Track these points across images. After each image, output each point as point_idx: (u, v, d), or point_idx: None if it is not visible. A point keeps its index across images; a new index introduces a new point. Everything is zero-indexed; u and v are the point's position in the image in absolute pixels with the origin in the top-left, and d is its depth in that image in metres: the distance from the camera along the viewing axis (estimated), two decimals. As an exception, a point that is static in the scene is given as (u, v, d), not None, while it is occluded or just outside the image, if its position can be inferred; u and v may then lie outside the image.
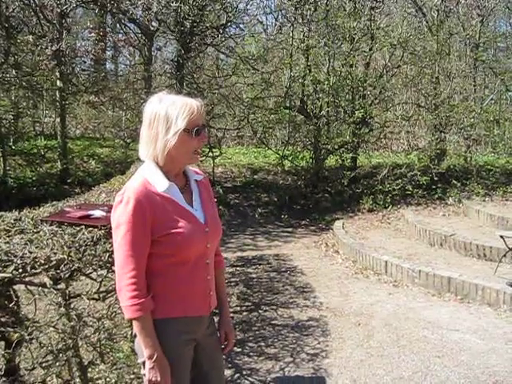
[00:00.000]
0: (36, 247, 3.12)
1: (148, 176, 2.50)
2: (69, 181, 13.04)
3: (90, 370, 4.02)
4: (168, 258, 2.49)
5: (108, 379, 4.29)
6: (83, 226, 3.54)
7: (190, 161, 2.60)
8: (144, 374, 2.57)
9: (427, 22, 13.55)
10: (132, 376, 4.45)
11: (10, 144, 14.18)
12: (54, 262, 3.10)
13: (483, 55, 14.08)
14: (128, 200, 2.41)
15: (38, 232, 3.40)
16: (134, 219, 2.39)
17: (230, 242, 9.97)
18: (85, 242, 3.39)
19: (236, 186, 13.75)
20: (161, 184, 2.48)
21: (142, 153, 2.55)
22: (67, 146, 14.13)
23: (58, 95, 13.68)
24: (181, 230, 2.48)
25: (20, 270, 2.91)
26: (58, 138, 13.93)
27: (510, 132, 13.98)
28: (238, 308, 6.54)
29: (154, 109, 2.48)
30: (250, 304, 6.68)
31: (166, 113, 2.45)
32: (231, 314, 6.22)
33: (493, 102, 14.66)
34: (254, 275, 7.92)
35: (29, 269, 2.93)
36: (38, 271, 3.02)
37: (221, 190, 12.57)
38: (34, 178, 13.20)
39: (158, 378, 2.45)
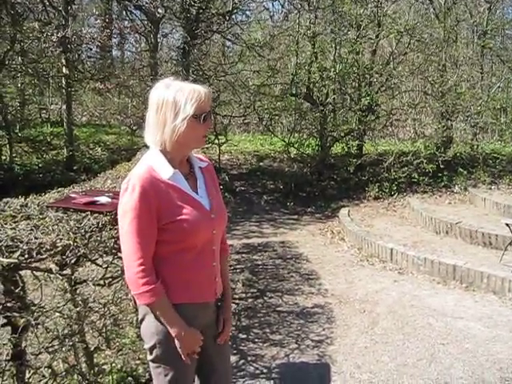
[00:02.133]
0: (42, 233, 3.13)
1: (153, 163, 2.50)
2: (75, 168, 13.06)
3: (96, 355, 4.05)
4: (175, 245, 2.51)
5: (114, 364, 4.33)
6: (89, 212, 3.55)
7: (197, 145, 2.62)
8: (150, 360, 2.60)
9: (434, 9, 13.49)
10: (138, 361, 4.50)
11: (17, 131, 14.19)
12: (60, 248, 3.12)
13: (491, 42, 13.99)
14: (134, 187, 2.41)
15: (44, 218, 3.41)
16: (140, 206, 2.40)
17: (235, 228, 9.97)
18: (90, 227, 3.41)
19: (242, 173, 13.76)
20: (165, 171, 2.49)
21: (149, 139, 2.55)
22: (73, 133, 14.13)
23: (63, 82, 13.67)
24: (186, 216, 2.49)
25: (26, 256, 2.92)
26: (64, 124, 13.93)
27: (516, 120, 13.92)
28: (244, 295, 6.55)
29: (161, 94, 2.48)
30: (255, 291, 6.69)
31: (174, 98, 2.45)
32: (237, 301, 6.26)
33: (500, 89, 14.58)
34: (259, 262, 7.93)
35: (35, 254, 2.94)
36: (43, 257, 3.03)
37: (227, 177, 12.56)
38: (40, 165, 13.24)
39: (194, 349, 2.59)
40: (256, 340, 5.30)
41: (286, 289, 6.73)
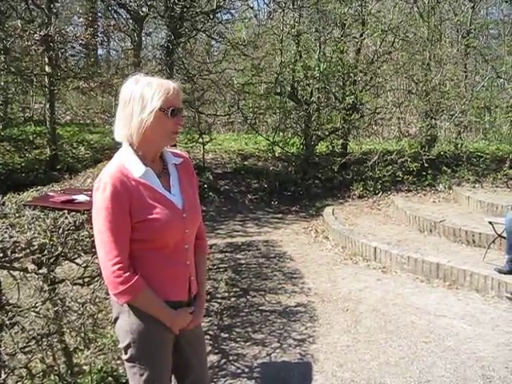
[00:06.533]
0: (17, 232, 3.09)
1: (124, 161, 2.48)
2: (58, 167, 12.95)
3: (75, 355, 4.00)
4: (146, 244, 2.48)
5: (93, 365, 4.28)
6: (66, 211, 3.51)
7: (167, 141, 2.57)
8: (125, 360, 2.58)
9: (418, 8, 13.48)
10: (118, 361, 4.45)
11: (-1, 130, 14.09)
12: (36, 247, 3.07)
13: (474, 42, 14.02)
14: (105, 186, 2.39)
15: (21, 217, 3.36)
16: (112, 205, 2.38)
17: (219, 228, 9.94)
18: (68, 226, 3.36)
19: (226, 172, 13.71)
20: (137, 169, 2.46)
21: (117, 133, 2.53)
22: (56, 132, 14.00)
23: (46, 81, 13.54)
24: (157, 216, 2.45)
25: (1, 255, 2.88)
26: (47, 123, 13.81)
27: (500, 119, 13.94)
28: (226, 294, 6.53)
29: (129, 89, 2.47)
30: (238, 290, 6.67)
31: (142, 93, 2.43)
32: (219, 300, 6.24)
33: (484, 88, 14.63)
34: (242, 261, 7.91)
35: (9, 253, 2.90)
36: (19, 256, 2.98)
37: (211, 176, 12.54)
38: (22, 164, 13.11)
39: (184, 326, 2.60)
40: (238, 339, 5.27)
41: (269, 288, 6.71)
